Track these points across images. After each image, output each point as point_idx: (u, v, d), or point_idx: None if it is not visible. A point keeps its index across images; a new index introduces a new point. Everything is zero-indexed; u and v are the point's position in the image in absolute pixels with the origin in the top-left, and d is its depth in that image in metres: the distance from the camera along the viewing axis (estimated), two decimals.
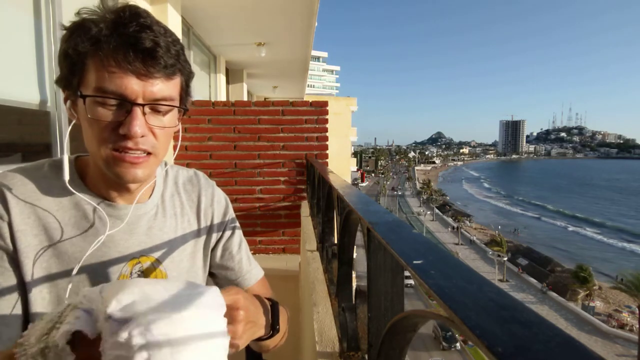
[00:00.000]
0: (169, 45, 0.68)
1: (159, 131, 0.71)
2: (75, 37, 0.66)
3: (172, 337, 0.45)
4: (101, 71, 0.65)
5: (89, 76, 0.67)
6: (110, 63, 0.64)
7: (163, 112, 0.71)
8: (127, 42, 0.64)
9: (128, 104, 0.66)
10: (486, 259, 44.27)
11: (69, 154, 0.79)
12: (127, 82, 0.65)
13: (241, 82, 8.63)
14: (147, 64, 0.66)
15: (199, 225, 0.89)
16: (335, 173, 1.78)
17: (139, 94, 0.66)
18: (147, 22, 0.66)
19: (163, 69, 0.67)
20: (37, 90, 2.42)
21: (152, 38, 0.65)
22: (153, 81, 0.67)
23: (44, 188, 0.74)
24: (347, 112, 14.59)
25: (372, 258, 0.68)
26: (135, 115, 0.66)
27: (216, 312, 0.52)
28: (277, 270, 3.19)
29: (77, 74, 0.67)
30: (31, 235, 0.70)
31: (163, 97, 0.69)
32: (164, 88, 0.69)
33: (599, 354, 0.24)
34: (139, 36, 0.64)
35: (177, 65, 0.70)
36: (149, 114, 0.69)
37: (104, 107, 0.66)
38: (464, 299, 0.34)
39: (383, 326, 0.67)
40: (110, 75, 0.65)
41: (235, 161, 3.54)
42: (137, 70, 0.65)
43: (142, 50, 0.65)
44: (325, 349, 1.05)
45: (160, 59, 0.66)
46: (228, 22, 5.64)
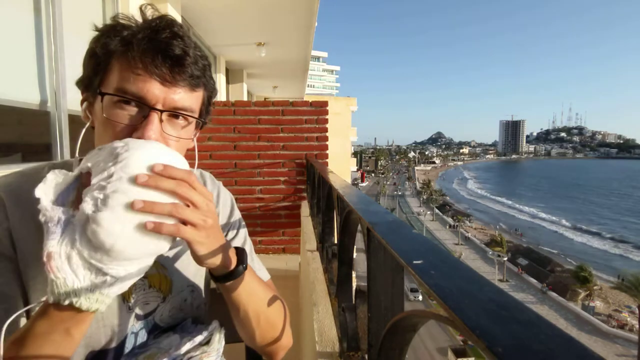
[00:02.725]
0: (197, 58, 0.67)
1: (173, 142, 0.69)
2: (105, 37, 0.66)
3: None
4: (126, 72, 0.64)
5: (111, 76, 0.66)
6: (137, 65, 0.64)
7: (181, 123, 0.70)
8: (158, 47, 0.64)
9: (146, 107, 0.65)
10: (486, 259, 44.28)
11: (76, 154, 0.77)
12: (149, 86, 0.64)
13: (241, 82, 8.63)
14: (174, 71, 0.65)
15: None
16: (335, 173, 1.78)
17: (159, 99, 0.65)
18: (180, 32, 0.66)
19: (188, 79, 0.67)
20: (37, 90, 2.42)
21: (182, 47, 0.65)
22: (176, 89, 0.66)
23: None
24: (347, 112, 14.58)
25: (372, 258, 0.68)
26: (152, 120, 0.65)
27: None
28: (277, 270, 3.18)
29: (100, 72, 0.67)
30: (31, 240, 0.69)
31: (183, 107, 0.68)
32: (185, 98, 0.68)
33: (599, 354, 0.24)
34: (170, 42, 0.64)
35: (202, 79, 0.70)
36: (166, 122, 0.68)
37: (121, 109, 0.65)
38: (464, 299, 0.34)
39: (383, 326, 0.67)
40: (135, 78, 0.64)
41: (235, 161, 3.54)
42: (163, 75, 0.65)
43: (171, 57, 0.64)
44: (325, 349, 1.05)
45: (187, 68, 0.66)
46: (228, 22, 5.64)
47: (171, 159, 0.59)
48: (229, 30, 5.98)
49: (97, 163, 0.56)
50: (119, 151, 0.56)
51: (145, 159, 0.56)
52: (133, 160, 0.55)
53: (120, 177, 0.53)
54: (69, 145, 2.56)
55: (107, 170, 0.54)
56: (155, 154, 0.58)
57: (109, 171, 0.54)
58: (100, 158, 0.56)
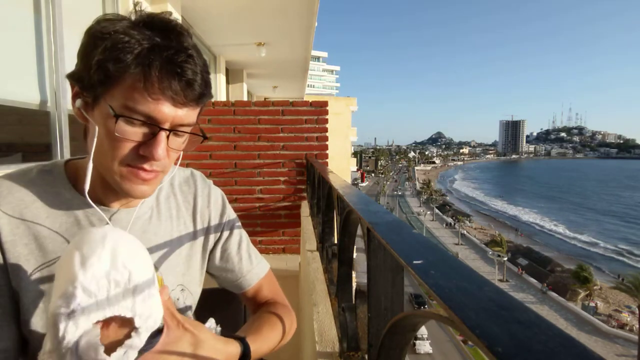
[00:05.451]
0: (203, 74, 0.68)
1: (173, 152, 0.71)
2: (115, 51, 0.63)
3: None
4: (139, 92, 0.63)
5: (119, 90, 0.64)
6: (154, 89, 0.63)
7: (182, 136, 0.72)
8: (174, 71, 0.64)
9: (155, 127, 0.66)
10: (486, 259, 44.28)
11: (90, 161, 0.74)
12: (161, 107, 0.65)
13: (241, 82, 8.63)
14: (186, 94, 0.66)
15: (194, 228, 0.88)
16: (335, 173, 1.78)
17: (168, 119, 0.66)
18: (191, 51, 0.66)
19: (197, 99, 0.68)
20: (37, 90, 2.41)
21: (192, 68, 0.65)
22: (185, 109, 0.67)
23: (33, 195, 0.72)
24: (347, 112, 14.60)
25: (372, 258, 0.68)
26: (161, 139, 0.66)
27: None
28: (277, 270, 3.17)
29: (108, 84, 0.65)
30: (21, 244, 0.69)
31: (189, 123, 0.70)
32: (190, 114, 0.69)
33: (599, 354, 0.24)
34: (185, 67, 0.64)
35: (207, 94, 0.71)
36: (171, 137, 0.69)
37: (130, 125, 0.65)
38: (464, 299, 0.34)
39: (383, 326, 0.67)
40: (148, 99, 0.64)
41: (235, 161, 3.54)
42: (176, 98, 0.65)
43: (185, 80, 0.65)
44: (325, 349, 1.05)
45: (197, 89, 0.67)
46: (228, 22, 5.64)
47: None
48: (229, 30, 5.98)
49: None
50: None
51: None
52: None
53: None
54: (69, 145, 2.56)
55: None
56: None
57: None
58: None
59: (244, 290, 0.95)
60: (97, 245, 0.56)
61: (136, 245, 0.60)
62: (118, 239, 0.58)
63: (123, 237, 0.59)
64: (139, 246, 0.61)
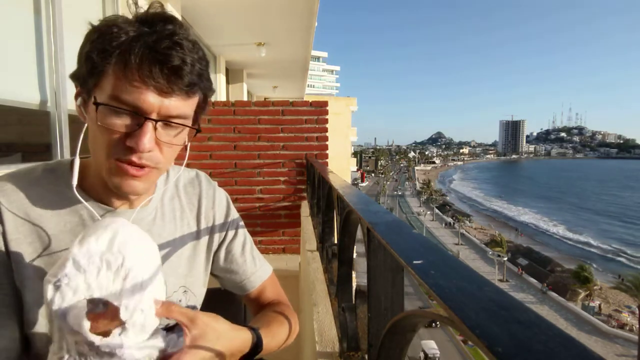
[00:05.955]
0: (194, 63, 0.66)
1: (166, 147, 0.69)
2: (101, 41, 0.64)
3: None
4: (121, 80, 0.63)
5: (106, 81, 0.65)
6: (134, 77, 0.63)
7: (175, 129, 0.70)
8: (156, 58, 0.63)
9: (141, 117, 0.65)
10: (486, 259, 44.27)
11: (76, 156, 0.76)
12: (145, 96, 0.63)
13: (241, 82, 8.63)
14: (171, 81, 0.64)
15: (198, 229, 0.88)
16: (335, 173, 1.78)
17: (154, 108, 0.65)
18: (180, 38, 0.65)
19: (185, 88, 0.66)
20: (37, 90, 2.41)
21: (181, 56, 0.64)
22: (172, 98, 0.66)
23: (38, 194, 0.72)
24: (347, 112, 14.60)
25: (372, 258, 0.68)
26: (147, 129, 0.65)
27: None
28: (277, 270, 3.17)
29: (95, 76, 0.65)
30: (25, 243, 0.69)
31: (178, 114, 0.68)
32: (180, 105, 0.67)
33: (599, 354, 0.24)
34: (169, 53, 0.63)
35: (200, 84, 0.69)
36: (161, 129, 0.67)
37: (116, 116, 0.65)
38: (464, 299, 0.34)
39: (383, 326, 0.67)
40: (131, 87, 0.63)
41: (235, 161, 3.54)
42: (159, 86, 0.64)
43: (169, 68, 0.63)
44: (325, 349, 1.05)
45: (185, 77, 0.65)
46: (228, 22, 5.64)
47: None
48: (229, 30, 5.98)
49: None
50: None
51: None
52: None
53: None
54: (69, 145, 2.55)
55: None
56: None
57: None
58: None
59: (247, 292, 0.94)
60: (100, 228, 0.58)
61: (144, 240, 0.61)
62: (123, 227, 0.59)
63: (129, 228, 0.60)
64: (146, 242, 0.61)
